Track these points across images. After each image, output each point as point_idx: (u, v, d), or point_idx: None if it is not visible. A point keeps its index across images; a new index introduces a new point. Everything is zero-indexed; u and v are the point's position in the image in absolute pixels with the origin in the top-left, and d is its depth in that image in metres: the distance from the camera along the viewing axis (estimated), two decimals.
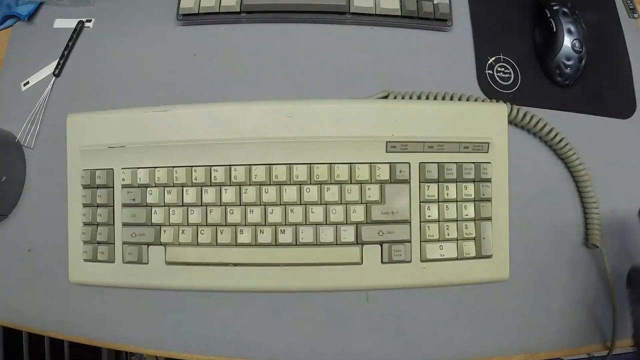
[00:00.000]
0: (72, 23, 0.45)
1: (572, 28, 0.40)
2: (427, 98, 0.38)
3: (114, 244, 0.36)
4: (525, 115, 0.38)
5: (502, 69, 0.41)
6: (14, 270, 0.39)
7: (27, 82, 0.43)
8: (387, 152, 0.35)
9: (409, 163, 0.35)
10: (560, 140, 0.38)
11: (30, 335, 0.61)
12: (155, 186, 0.35)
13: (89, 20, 0.45)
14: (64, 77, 0.43)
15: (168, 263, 0.35)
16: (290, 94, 0.40)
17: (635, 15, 0.44)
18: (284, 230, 0.34)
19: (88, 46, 0.44)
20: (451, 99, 0.38)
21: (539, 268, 0.37)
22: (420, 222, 0.35)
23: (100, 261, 0.36)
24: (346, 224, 0.34)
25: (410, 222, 0.35)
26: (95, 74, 0.43)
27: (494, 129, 0.35)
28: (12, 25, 0.46)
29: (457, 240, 0.35)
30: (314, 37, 0.43)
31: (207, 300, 0.37)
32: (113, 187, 0.36)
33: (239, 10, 0.42)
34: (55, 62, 0.43)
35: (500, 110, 0.36)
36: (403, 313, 0.36)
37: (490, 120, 0.35)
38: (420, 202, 0.35)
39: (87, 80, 0.42)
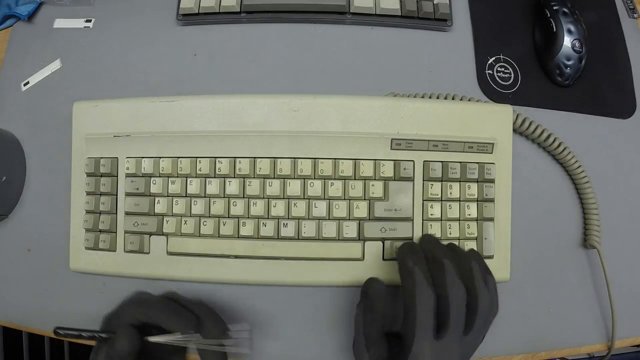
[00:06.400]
0: (72, 23, 0.45)
1: (572, 28, 0.40)
2: (430, 98, 0.38)
3: (115, 232, 0.36)
4: (524, 121, 0.38)
5: (502, 69, 0.41)
6: (14, 270, 0.39)
7: (27, 82, 0.43)
8: (391, 149, 0.35)
9: (413, 161, 0.35)
10: (559, 145, 0.38)
11: (30, 335, 0.62)
12: (160, 176, 0.35)
13: (89, 20, 0.45)
14: (64, 77, 0.43)
15: (169, 253, 0.35)
16: (290, 93, 0.40)
17: (635, 15, 0.44)
18: (287, 223, 0.34)
19: (88, 46, 0.44)
20: (453, 99, 0.38)
21: (539, 268, 0.37)
22: (423, 220, 0.35)
23: (101, 249, 0.36)
24: (349, 219, 0.34)
25: (412, 220, 0.35)
26: (95, 74, 0.43)
27: (499, 130, 0.35)
28: (12, 25, 0.46)
29: (459, 239, 0.35)
30: (314, 37, 0.43)
31: (205, 295, 0.37)
32: (117, 176, 0.36)
33: (239, 10, 0.42)
34: (56, 62, 0.43)
35: (505, 111, 0.36)
36: None
37: (495, 121, 0.35)
38: (423, 200, 0.35)
39: (87, 80, 0.42)
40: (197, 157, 0.35)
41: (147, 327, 0.28)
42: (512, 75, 0.41)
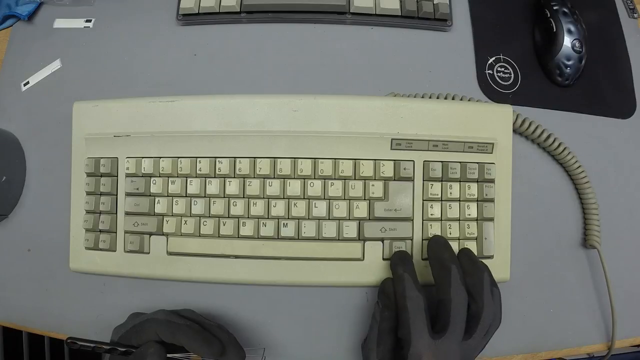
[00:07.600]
0: (72, 23, 0.45)
1: (572, 28, 0.40)
2: (430, 98, 0.38)
3: (115, 232, 0.36)
4: (524, 121, 0.38)
5: (502, 69, 0.41)
6: (13, 270, 0.39)
7: (27, 82, 0.43)
8: (391, 149, 0.35)
9: (413, 161, 0.35)
10: (559, 145, 0.38)
11: (30, 335, 0.62)
12: (160, 176, 0.35)
13: (89, 20, 0.45)
14: (64, 77, 0.43)
15: (169, 253, 0.35)
16: (290, 93, 0.40)
17: (635, 15, 0.44)
18: (287, 223, 0.34)
19: (88, 46, 0.44)
20: (453, 99, 0.38)
21: (539, 268, 0.37)
22: (423, 220, 0.35)
23: (101, 249, 0.36)
24: (349, 219, 0.34)
25: (412, 219, 0.35)
26: (95, 74, 0.43)
27: (499, 130, 0.35)
28: (12, 25, 0.46)
29: (459, 239, 0.35)
30: (314, 37, 0.43)
31: (205, 295, 0.37)
32: (117, 176, 0.36)
33: (239, 10, 0.42)
34: (56, 62, 0.43)
35: (505, 111, 0.36)
36: None
37: (495, 121, 0.35)
38: (423, 200, 0.35)
39: (87, 81, 0.43)
40: (197, 157, 0.35)
41: (164, 344, 0.29)
42: (512, 75, 0.41)
